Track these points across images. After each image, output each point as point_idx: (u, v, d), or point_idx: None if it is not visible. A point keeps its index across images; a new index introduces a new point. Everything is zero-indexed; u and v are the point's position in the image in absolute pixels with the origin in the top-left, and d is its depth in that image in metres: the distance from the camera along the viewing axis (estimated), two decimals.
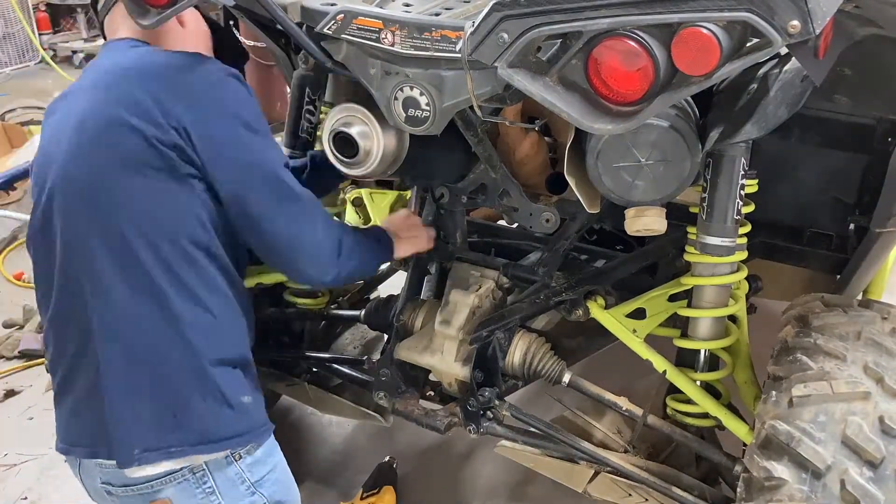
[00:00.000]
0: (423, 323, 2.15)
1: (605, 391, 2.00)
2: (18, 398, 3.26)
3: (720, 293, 1.84)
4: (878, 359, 1.61)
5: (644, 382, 2.03)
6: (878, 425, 1.47)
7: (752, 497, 1.50)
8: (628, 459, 1.95)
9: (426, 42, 1.49)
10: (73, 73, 7.64)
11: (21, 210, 4.70)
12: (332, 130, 1.76)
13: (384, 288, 2.70)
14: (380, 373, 2.14)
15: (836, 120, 1.93)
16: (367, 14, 1.54)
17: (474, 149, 1.86)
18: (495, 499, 2.71)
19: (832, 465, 1.44)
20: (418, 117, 1.58)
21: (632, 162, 1.54)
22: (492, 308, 2.07)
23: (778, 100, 1.55)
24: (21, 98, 6.33)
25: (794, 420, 1.51)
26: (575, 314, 2.00)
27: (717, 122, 1.59)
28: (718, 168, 1.63)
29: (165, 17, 1.50)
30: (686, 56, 1.20)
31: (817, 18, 1.13)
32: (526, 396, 2.67)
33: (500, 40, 1.29)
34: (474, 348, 2.02)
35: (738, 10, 1.15)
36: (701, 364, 1.92)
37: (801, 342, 1.69)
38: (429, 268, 2.24)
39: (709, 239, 1.66)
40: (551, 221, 1.96)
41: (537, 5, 1.25)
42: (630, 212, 1.69)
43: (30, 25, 7.70)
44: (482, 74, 1.44)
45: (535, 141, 1.98)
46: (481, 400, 2.01)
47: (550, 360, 2.02)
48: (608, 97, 1.29)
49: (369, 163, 1.76)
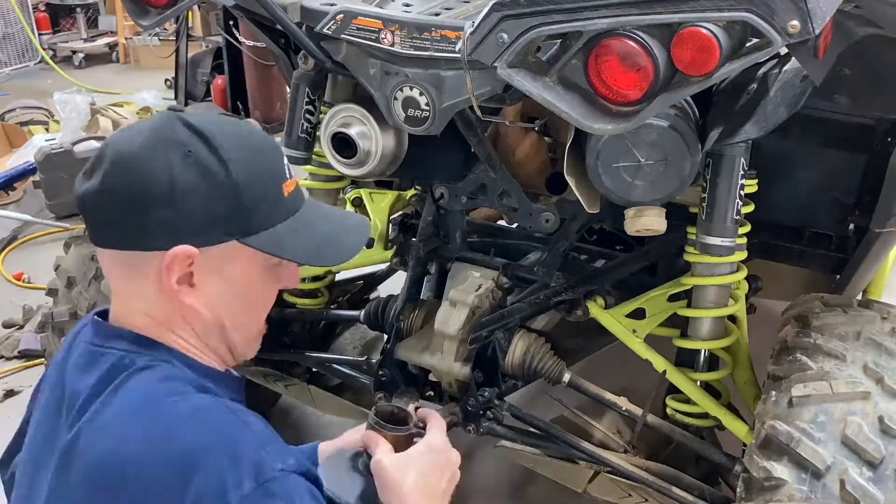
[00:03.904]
0: (423, 323, 2.15)
1: (604, 391, 2.00)
2: (18, 398, 3.25)
3: (720, 293, 1.84)
4: (877, 359, 1.61)
5: (644, 382, 2.03)
6: (877, 425, 1.47)
7: (752, 497, 1.50)
8: (628, 459, 1.95)
9: (426, 42, 1.49)
10: (72, 73, 7.65)
11: (21, 210, 4.70)
12: (331, 131, 1.76)
13: (384, 288, 2.69)
14: (380, 373, 2.14)
15: (836, 120, 1.93)
16: (367, 14, 1.54)
17: (474, 149, 1.86)
18: (495, 499, 2.70)
19: (832, 465, 1.44)
20: (418, 117, 1.58)
21: (632, 162, 1.54)
22: (492, 308, 2.06)
23: (778, 100, 1.55)
24: (21, 98, 6.32)
25: (794, 420, 1.51)
26: (575, 314, 2.00)
27: (716, 122, 1.59)
28: (718, 168, 1.63)
29: (165, 17, 1.50)
30: (686, 56, 1.20)
31: (817, 18, 1.13)
32: (526, 396, 2.67)
33: (500, 40, 1.29)
34: (474, 348, 2.02)
35: (737, 10, 1.15)
36: (701, 364, 1.92)
37: (800, 342, 1.69)
38: (429, 268, 2.24)
39: (709, 239, 1.66)
40: (551, 221, 1.96)
41: (537, 5, 1.25)
42: (630, 212, 1.69)
43: (29, 25, 7.70)
44: (482, 74, 1.44)
45: (534, 141, 1.98)
46: (481, 400, 2.01)
47: (550, 359, 2.02)
48: (608, 97, 1.29)
49: (368, 163, 1.76)
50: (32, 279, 4.09)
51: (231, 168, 1.11)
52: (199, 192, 1.09)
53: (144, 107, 6.13)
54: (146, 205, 1.08)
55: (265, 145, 1.21)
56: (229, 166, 1.11)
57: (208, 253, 1.11)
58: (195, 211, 1.09)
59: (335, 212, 1.27)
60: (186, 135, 1.11)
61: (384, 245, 2.38)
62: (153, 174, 1.08)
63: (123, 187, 1.09)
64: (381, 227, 2.39)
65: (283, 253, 1.18)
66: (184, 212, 1.08)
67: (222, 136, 1.12)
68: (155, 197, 1.08)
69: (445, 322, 2.01)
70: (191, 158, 1.09)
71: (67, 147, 4.61)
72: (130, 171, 1.09)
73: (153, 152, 1.09)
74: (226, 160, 1.11)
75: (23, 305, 3.83)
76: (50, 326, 2.40)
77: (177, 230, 1.09)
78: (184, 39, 5.96)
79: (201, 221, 1.10)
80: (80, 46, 8.18)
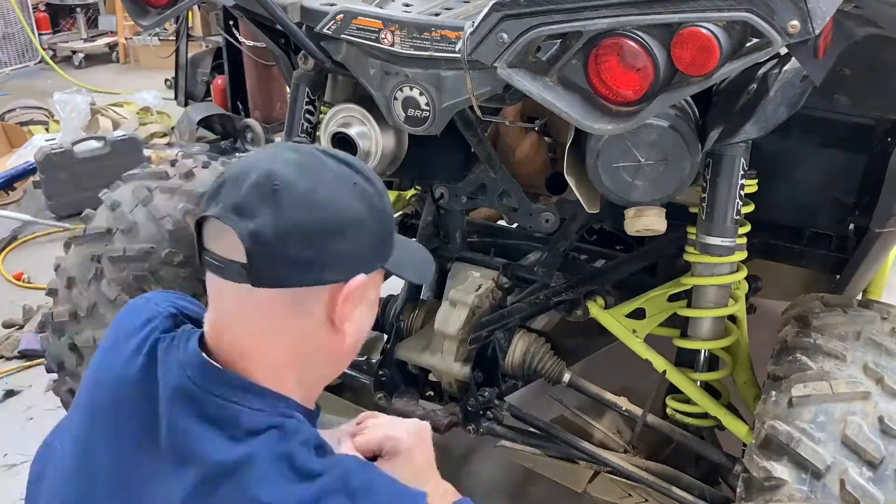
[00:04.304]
0: (423, 323, 2.15)
1: (604, 391, 2.00)
2: (18, 398, 3.25)
3: (720, 293, 1.84)
4: (877, 359, 1.60)
5: (644, 382, 2.03)
6: (877, 425, 1.47)
7: (752, 497, 1.50)
8: (628, 459, 1.95)
9: (426, 42, 1.49)
10: (72, 73, 7.65)
11: (21, 210, 4.70)
12: (331, 131, 1.76)
13: (384, 288, 2.69)
14: (380, 373, 2.14)
15: (836, 120, 1.93)
16: (367, 14, 1.55)
17: (474, 149, 1.86)
18: (495, 499, 2.70)
19: (832, 465, 1.44)
20: (418, 117, 1.58)
21: (631, 162, 1.54)
22: (492, 308, 2.06)
23: (778, 100, 1.55)
24: (21, 98, 6.32)
25: (794, 420, 1.51)
26: (575, 314, 2.00)
27: (716, 122, 1.59)
28: (718, 168, 1.63)
29: (165, 17, 1.51)
30: (686, 56, 1.20)
31: (817, 18, 1.13)
32: (526, 396, 2.66)
33: (500, 40, 1.29)
34: (474, 348, 2.02)
35: (737, 10, 1.15)
36: (701, 364, 1.92)
37: (800, 342, 1.69)
38: None
39: (709, 239, 1.66)
40: (551, 221, 1.96)
41: (537, 5, 1.25)
42: (630, 212, 1.69)
43: (29, 25, 7.70)
44: (482, 74, 1.44)
45: (534, 141, 1.98)
46: (481, 400, 2.01)
47: (550, 359, 2.02)
48: (608, 97, 1.29)
49: (368, 163, 1.76)
50: (32, 279, 4.09)
51: (384, 196, 1.16)
52: (367, 221, 1.12)
53: (144, 107, 6.13)
54: (331, 238, 1.08)
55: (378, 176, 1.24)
56: (383, 195, 1.15)
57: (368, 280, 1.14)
58: (365, 240, 1.12)
59: (400, 236, 1.31)
60: (339, 166, 1.13)
61: None
62: (336, 207, 1.09)
63: (312, 223, 1.07)
64: None
65: (404, 273, 1.25)
66: (357, 241, 1.11)
67: (364, 167, 1.17)
68: (339, 229, 1.09)
69: (445, 322, 2.01)
70: (358, 189, 1.12)
71: (67, 147, 4.60)
72: (316, 206, 1.07)
73: (328, 186, 1.09)
74: (379, 189, 1.15)
75: (23, 305, 3.83)
76: (50, 326, 2.39)
77: (352, 260, 1.11)
78: (184, 39, 5.96)
79: (368, 249, 1.13)
80: (80, 46, 8.18)
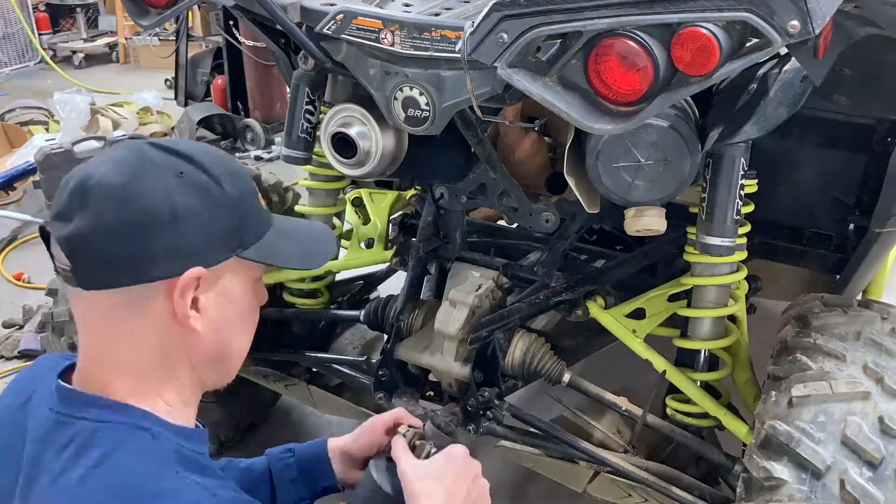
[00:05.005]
0: (423, 323, 2.14)
1: (604, 391, 2.00)
2: None
3: (720, 293, 1.84)
4: (877, 359, 1.60)
5: (644, 382, 2.03)
6: (877, 425, 1.47)
7: (752, 497, 1.50)
8: (628, 459, 1.95)
9: (426, 42, 1.49)
10: (72, 73, 7.66)
11: (21, 210, 4.70)
12: (331, 131, 1.76)
13: (384, 288, 2.69)
14: (380, 373, 2.14)
15: (836, 120, 1.93)
16: (367, 14, 1.54)
17: (474, 149, 1.86)
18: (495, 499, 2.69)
19: (832, 465, 1.44)
20: (418, 117, 1.58)
21: (631, 162, 1.54)
22: (492, 308, 2.06)
23: (778, 100, 1.55)
24: (21, 98, 6.32)
25: (794, 420, 1.51)
26: (575, 314, 2.00)
27: (716, 122, 1.59)
28: (718, 168, 1.63)
29: (165, 17, 1.50)
30: (686, 56, 1.20)
31: (817, 18, 1.13)
32: (526, 396, 2.66)
33: (500, 40, 1.29)
34: (474, 348, 2.02)
35: (737, 10, 1.15)
36: (701, 364, 1.92)
37: (800, 342, 1.69)
38: (429, 268, 2.24)
39: (708, 239, 1.66)
40: (551, 221, 1.96)
41: (537, 5, 1.25)
42: (630, 212, 1.69)
43: (29, 25, 7.71)
44: (482, 74, 1.44)
45: (534, 141, 1.98)
46: (481, 400, 2.01)
47: (550, 359, 2.02)
48: (608, 97, 1.29)
49: (368, 163, 1.76)
50: (32, 279, 4.09)
51: (223, 183, 1.10)
52: (200, 212, 1.08)
53: (144, 107, 6.14)
54: (150, 233, 1.04)
55: (233, 160, 1.21)
56: (221, 182, 1.10)
57: (211, 273, 1.10)
58: (198, 231, 1.07)
59: (300, 221, 1.30)
60: (165, 157, 1.09)
61: (384, 245, 2.38)
62: (152, 200, 1.05)
63: (122, 219, 1.04)
64: (381, 227, 2.39)
65: (277, 261, 1.19)
66: (187, 233, 1.07)
67: (201, 155, 1.12)
68: (158, 223, 1.05)
69: (445, 322, 2.01)
70: (184, 179, 1.08)
71: (67, 147, 4.59)
72: (126, 201, 1.04)
73: (144, 179, 1.06)
74: (216, 176, 1.10)
75: (23, 305, 3.83)
76: (50, 326, 2.39)
77: (183, 253, 1.07)
78: (184, 39, 5.96)
79: (204, 240, 1.09)
80: (80, 46, 8.19)
